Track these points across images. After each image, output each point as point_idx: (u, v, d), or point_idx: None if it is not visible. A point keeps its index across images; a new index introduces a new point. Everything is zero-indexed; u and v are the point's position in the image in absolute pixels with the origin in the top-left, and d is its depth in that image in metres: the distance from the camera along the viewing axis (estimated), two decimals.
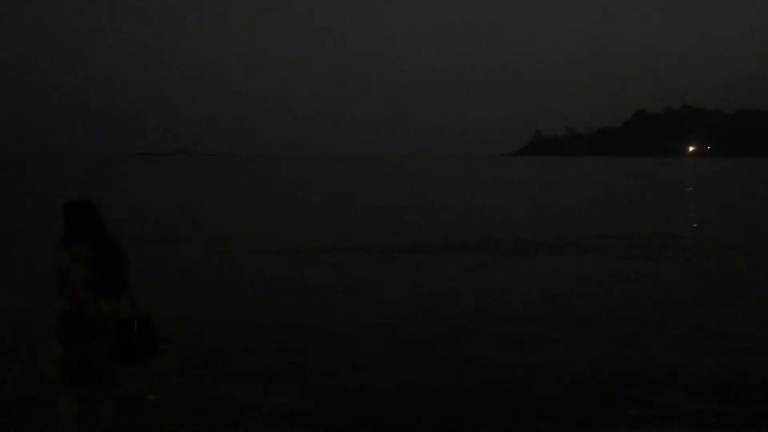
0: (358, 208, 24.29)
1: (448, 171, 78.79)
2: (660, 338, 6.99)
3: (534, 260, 12.60)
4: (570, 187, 44.53)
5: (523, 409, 5.00)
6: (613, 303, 8.71)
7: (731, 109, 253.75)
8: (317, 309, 8.15)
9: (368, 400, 5.16)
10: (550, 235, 16.22)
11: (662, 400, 5.21)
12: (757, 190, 41.21)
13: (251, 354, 6.25)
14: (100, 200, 4.45)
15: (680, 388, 5.47)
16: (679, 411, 5.01)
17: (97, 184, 43.04)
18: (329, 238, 15.28)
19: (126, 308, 3.76)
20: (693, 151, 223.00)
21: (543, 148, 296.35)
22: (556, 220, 20.27)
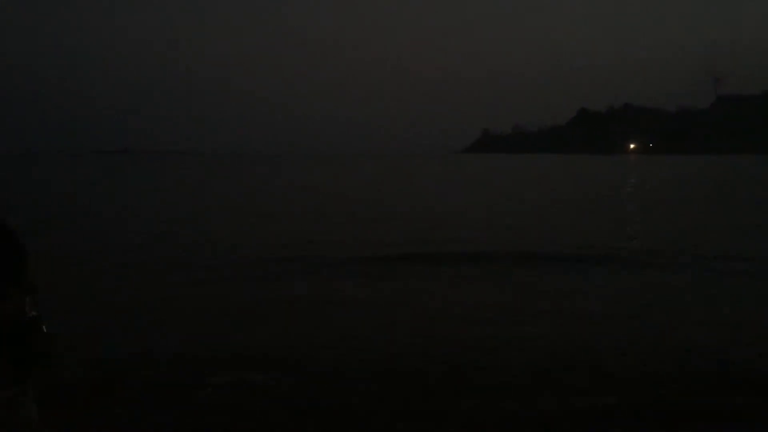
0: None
1: (404, 170, 77.94)
2: None
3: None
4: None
5: None
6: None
7: (672, 108, 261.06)
8: None
9: None
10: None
11: None
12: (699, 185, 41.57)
13: None
14: None
15: None
16: None
17: None
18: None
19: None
20: (634, 148, 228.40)
21: (491, 146, 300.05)
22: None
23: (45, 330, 3.02)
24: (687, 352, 6.62)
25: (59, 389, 4.78)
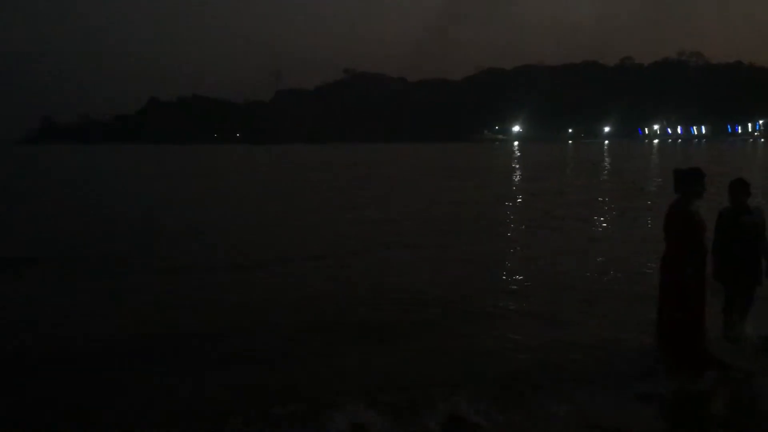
0: None
1: None
2: None
3: None
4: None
5: None
6: None
7: (240, 99, 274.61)
8: None
9: None
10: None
11: None
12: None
13: None
14: None
15: None
16: None
17: None
18: None
19: None
20: (217, 137, 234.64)
21: (56, 136, 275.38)
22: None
23: None
24: None
25: None
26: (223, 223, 19.44)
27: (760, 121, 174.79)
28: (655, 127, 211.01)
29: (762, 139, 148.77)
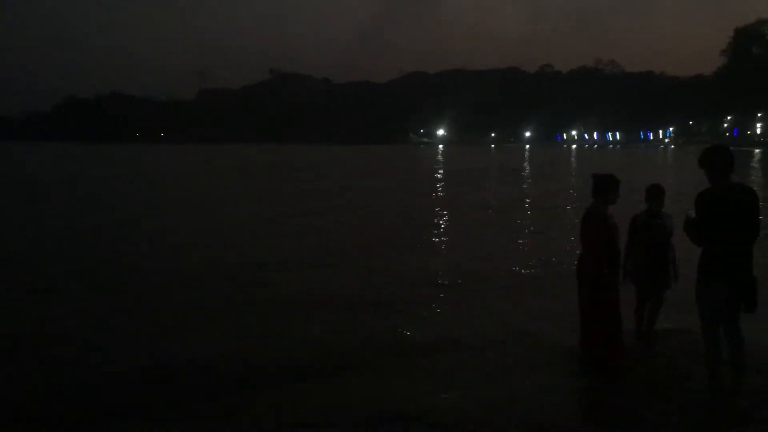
0: None
1: None
2: None
3: None
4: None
5: None
6: None
7: (162, 98, 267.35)
8: None
9: None
10: None
11: None
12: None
13: None
14: None
15: None
16: None
17: None
18: None
19: None
20: (140, 137, 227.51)
21: None
22: None
23: None
24: None
25: None
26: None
27: (671, 128, 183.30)
28: (573, 132, 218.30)
29: (672, 146, 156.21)
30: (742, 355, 5.99)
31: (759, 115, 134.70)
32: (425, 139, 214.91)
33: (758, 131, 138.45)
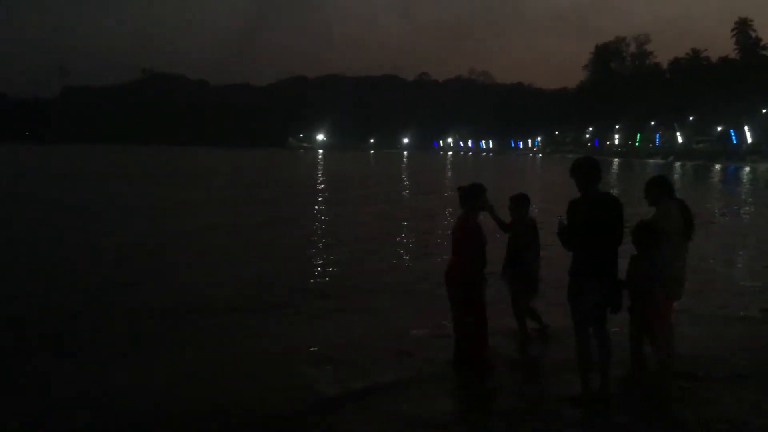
0: None
1: None
2: None
3: None
4: None
5: None
6: None
7: (20, 95, 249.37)
8: None
9: None
10: None
11: None
12: None
13: None
14: None
15: None
16: None
17: None
18: None
19: None
20: None
21: None
22: None
23: None
24: None
25: None
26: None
27: (539, 138, 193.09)
28: (449, 140, 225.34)
29: (540, 154, 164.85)
30: (609, 355, 6.31)
31: (617, 126, 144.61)
32: (305, 144, 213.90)
33: (616, 142, 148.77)
